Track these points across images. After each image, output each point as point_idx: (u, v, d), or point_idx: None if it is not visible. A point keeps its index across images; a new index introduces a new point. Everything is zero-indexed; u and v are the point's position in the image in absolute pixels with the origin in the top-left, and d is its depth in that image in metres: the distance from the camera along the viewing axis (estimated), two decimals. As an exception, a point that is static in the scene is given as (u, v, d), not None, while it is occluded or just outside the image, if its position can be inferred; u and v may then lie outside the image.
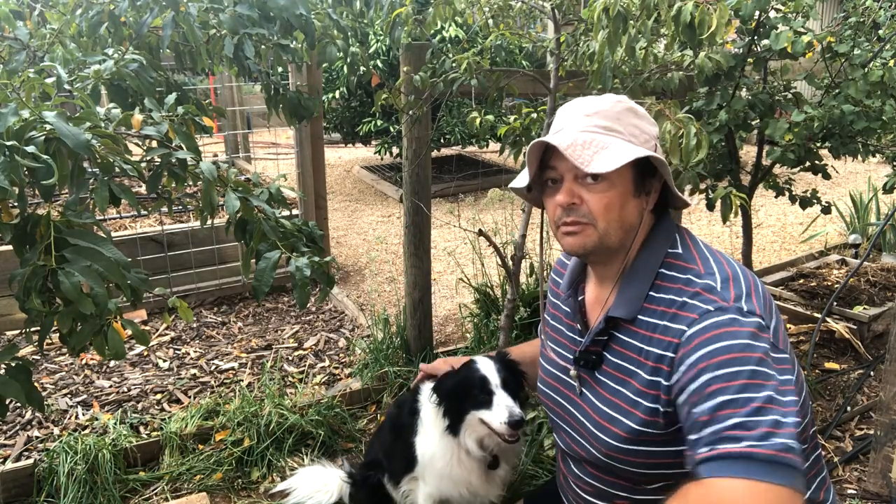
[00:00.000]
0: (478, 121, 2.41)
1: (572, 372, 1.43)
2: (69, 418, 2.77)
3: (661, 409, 1.23)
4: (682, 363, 1.16)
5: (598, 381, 1.35)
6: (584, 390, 1.40)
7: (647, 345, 1.25)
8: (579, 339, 1.42)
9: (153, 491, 2.35)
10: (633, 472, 1.32)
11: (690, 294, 1.21)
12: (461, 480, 1.78)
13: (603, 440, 1.32)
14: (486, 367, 1.71)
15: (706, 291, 1.20)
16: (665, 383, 1.21)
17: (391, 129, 6.42)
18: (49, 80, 1.41)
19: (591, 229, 1.28)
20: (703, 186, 2.67)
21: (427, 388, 1.90)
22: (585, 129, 1.27)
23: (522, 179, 1.39)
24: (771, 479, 0.97)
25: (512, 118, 2.35)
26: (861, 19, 2.56)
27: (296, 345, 3.48)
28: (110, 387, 3.02)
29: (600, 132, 1.26)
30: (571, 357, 1.43)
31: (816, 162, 2.62)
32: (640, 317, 1.26)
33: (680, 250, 1.29)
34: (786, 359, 1.14)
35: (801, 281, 3.89)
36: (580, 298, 1.48)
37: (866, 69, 2.41)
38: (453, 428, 1.72)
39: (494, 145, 7.86)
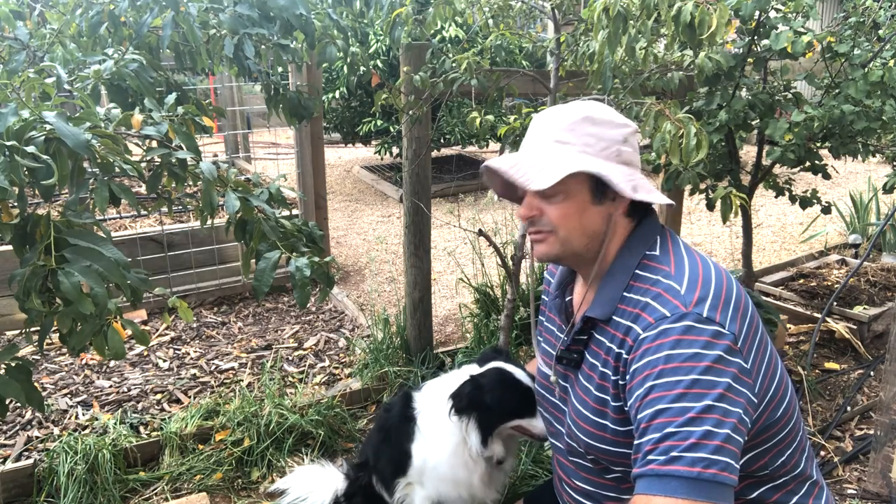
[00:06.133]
0: (478, 121, 2.41)
1: (559, 371, 1.45)
2: (69, 418, 2.77)
3: (617, 406, 1.25)
4: (631, 366, 1.19)
5: (578, 380, 1.38)
6: (567, 388, 1.43)
7: (612, 343, 1.27)
8: (565, 338, 1.44)
9: (153, 491, 2.35)
10: (618, 472, 1.33)
11: (653, 295, 1.22)
12: (463, 483, 1.78)
13: (582, 440, 1.35)
14: (522, 375, 1.72)
15: (668, 293, 1.20)
16: (620, 382, 1.24)
17: (391, 129, 6.42)
18: (49, 80, 1.41)
19: (552, 237, 1.32)
20: (703, 186, 2.68)
21: (422, 397, 1.89)
22: (540, 143, 1.30)
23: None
24: (693, 496, 1.03)
25: (512, 118, 2.35)
26: (861, 19, 2.56)
27: (296, 345, 3.48)
28: (110, 387, 3.02)
29: (552, 145, 1.29)
30: (556, 355, 1.45)
31: (816, 162, 2.62)
32: (614, 317, 1.27)
33: (657, 252, 1.29)
34: (746, 369, 1.14)
35: (801, 281, 3.89)
36: (568, 299, 1.50)
37: (866, 69, 2.41)
38: (485, 439, 1.71)
39: (494, 145, 7.85)
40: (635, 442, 1.14)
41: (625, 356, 1.22)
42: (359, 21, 2.56)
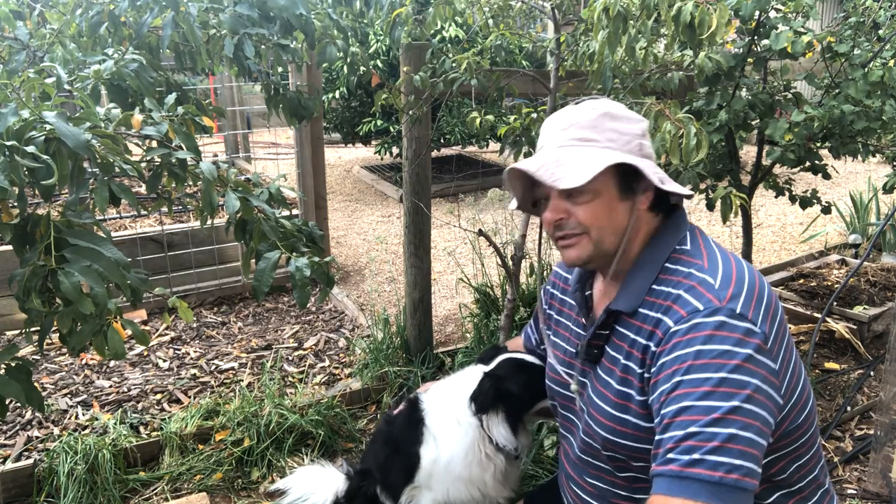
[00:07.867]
0: (478, 121, 2.41)
1: (577, 366, 1.44)
2: (69, 418, 2.77)
3: (642, 400, 1.24)
4: (659, 359, 1.17)
5: (598, 375, 1.36)
6: (587, 384, 1.41)
7: (638, 335, 1.25)
8: (583, 333, 1.43)
9: (153, 491, 2.35)
10: (633, 470, 1.32)
11: (686, 287, 1.20)
12: (477, 481, 1.77)
13: (600, 434, 1.33)
14: (534, 359, 1.72)
15: (701, 286, 1.18)
16: (646, 375, 1.22)
17: (391, 129, 6.42)
18: (49, 80, 1.41)
19: (585, 239, 1.29)
20: (703, 186, 2.67)
21: (429, 398, 1.88)
22: (562, 143, 1.28)
23: (515, 202, 1.42)
24: (713, 500, 1.01)
25: (512, 118, 2.35)
26: (861, 19, 2.56)
27: (296, 345, 3.48)
28: (110, 387, 3.02)
29: (577, 144, 1.27)
30: (575, 351, 1.44)
31: (816, 162, 2.62)
32: (640, 309, 1.26)
33: (688, 246, 1.29)
34: (774, 370, 1.13)
35: (801, 281, 3.89)
36: (588, 293, 1.49)
37: (866, 69, 2.40)
38: (515, 429, 1.71)
39: (494, 145, 7.86)
40: (656, 437, 1.12)
41: (653, 349, 1.20)
42: (359, 21, 2.56)
